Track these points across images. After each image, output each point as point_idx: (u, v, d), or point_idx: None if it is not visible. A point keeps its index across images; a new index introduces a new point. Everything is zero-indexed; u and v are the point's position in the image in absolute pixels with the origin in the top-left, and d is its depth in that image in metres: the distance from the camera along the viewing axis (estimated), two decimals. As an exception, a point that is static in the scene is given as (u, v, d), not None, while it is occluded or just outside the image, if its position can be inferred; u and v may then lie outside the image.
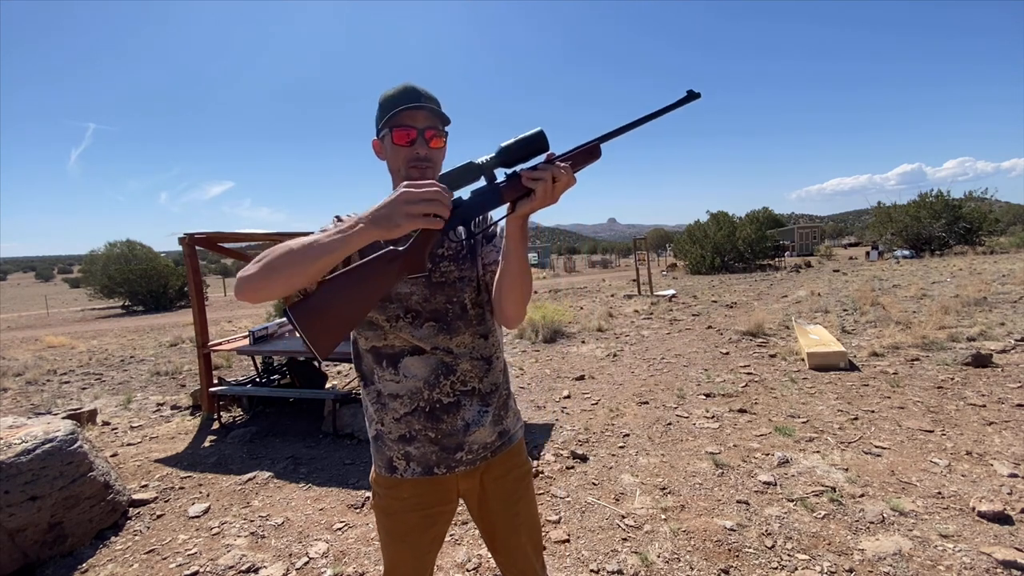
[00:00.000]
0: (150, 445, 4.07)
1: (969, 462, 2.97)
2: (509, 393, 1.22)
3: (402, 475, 1.12)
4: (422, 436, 1.10)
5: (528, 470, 1.26)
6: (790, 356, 5.66)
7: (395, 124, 1.05)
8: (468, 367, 1.11)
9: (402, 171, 1.08)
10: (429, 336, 1.08)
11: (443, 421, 1.09)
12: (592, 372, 5.62)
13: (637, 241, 17.43)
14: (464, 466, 1.12)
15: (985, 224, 23.90)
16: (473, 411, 1.11)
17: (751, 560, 2.19)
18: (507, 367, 1.23)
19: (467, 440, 1.11)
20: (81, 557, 2.47)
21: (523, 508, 1.23)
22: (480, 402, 1.13)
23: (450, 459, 1.11)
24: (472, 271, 1.13)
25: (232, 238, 4.83)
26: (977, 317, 6.77)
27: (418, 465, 1.11)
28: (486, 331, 1.15)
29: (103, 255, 22.60)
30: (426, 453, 1.10)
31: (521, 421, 1.28)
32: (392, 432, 1.11)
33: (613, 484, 2.96)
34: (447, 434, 1.10)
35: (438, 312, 1.09)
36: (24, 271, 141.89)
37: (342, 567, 2.32)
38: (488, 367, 1.14)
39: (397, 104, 1.05)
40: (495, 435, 1.16)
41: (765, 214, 28.51)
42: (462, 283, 1.11)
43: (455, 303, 1.11)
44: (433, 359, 1.09)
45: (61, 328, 14.78)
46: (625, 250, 64.95)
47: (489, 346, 1.15)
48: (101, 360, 8.30)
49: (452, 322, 1.10)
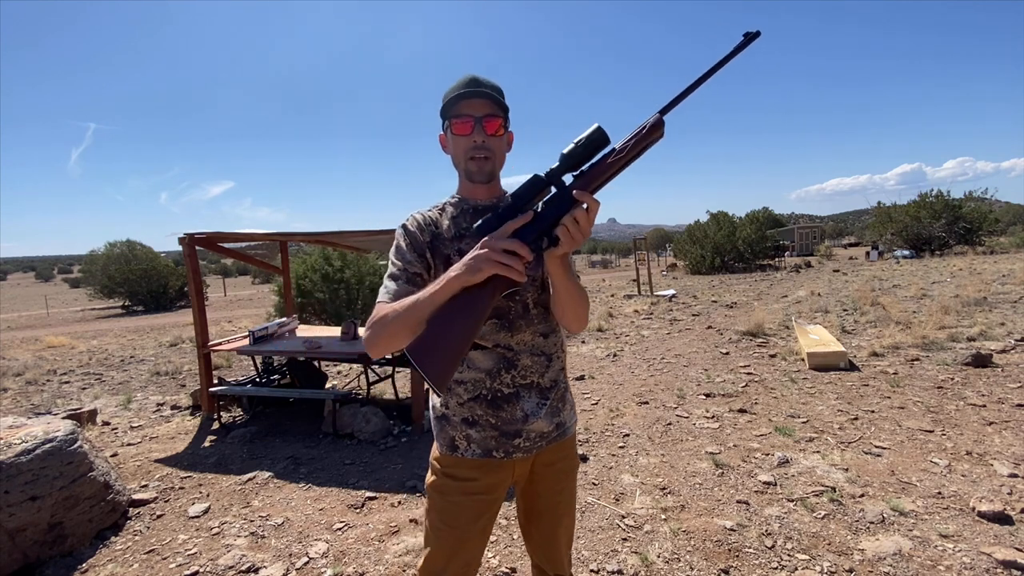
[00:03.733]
0: (150, 445, 4.06)
1: (969, 462, 2.97)
2: (567, 387, 1.26)
3: (463, 454, 1.17)
4: (483, 421, 1.15)
5: (575, 464, 1.31)
6: (790, 356, 5.66)
7: (454, 114, 1.09)
8: (529, 362, 1.16)
9: (462, 163, 1.13)
10: (491, 333, 1.13)
11: (503, 409, 1.14)
12: (592, 372, 5.62)
13: (637, 241, 17.43)
14: (521, 452, 1.17)
15: (985, 224, 23.89)
16: (532, 403, 1.16)
17: (751, 560, 2.19)
18: (565, 364, 1.27)
19: (525, 428, 1.16)
20: (81, 557, 2.47)
21: (564, 500, 1.28)
22: (539, 395, 1.17)
23: (508, 444, 1.16)
24: (536, 271, 1.15)
25: (232, 238, 4.83)
26: (977, 317, 6.77)
27: (478, 447, 1.16)
28: (547, 330, 1.19)
29: (103, 255, 22.56)
30: (486, 437, 1.15)
31: (576, 415, 1.32)
32: (456, 415, 1.17)
33: (613, 484, 2.96)
34: (506, 421, 1.15)
35: (500, 311, 1.13)
36: (24, 271, 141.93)
37: (342, 567, 2.32)
38: (548, 363, 1.19)
39: (454, 94, 1.07)
40: (552, 426, 1.20)
41: (765, 214, 28.49)
42: (527, 283, 1.14)
43: (517, 302, 1.14)
44: (495, 354, 1.14)
45: (61, 328, 14.78)
46: (625, 250, 64.94)
47: (549, 344, 1.19)
48: (101, 360, 8.30)
49: (514, 321, 1.14)
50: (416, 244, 1.12)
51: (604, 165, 0.94)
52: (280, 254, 6.17)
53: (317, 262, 9.78)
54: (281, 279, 6.58)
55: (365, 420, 4.00)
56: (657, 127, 0.92)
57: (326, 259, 9.76)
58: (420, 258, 1.11)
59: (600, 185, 0.96)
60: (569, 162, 0.94)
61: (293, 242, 6.57)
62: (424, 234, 1.14)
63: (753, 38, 0.89)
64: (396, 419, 4.27)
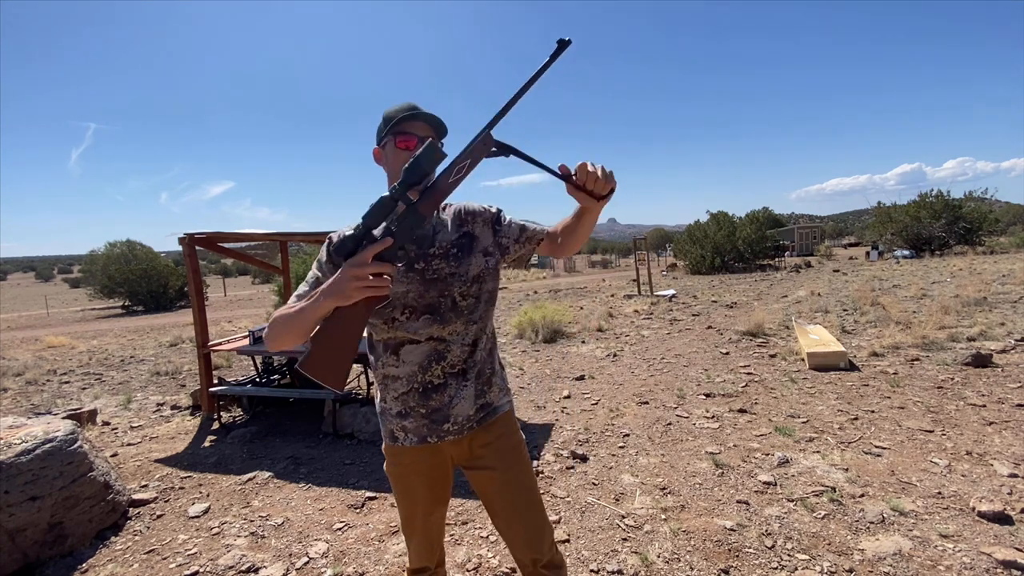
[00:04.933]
0: (150, 445, 4.07)
1: (969, 462, 2.97)
2: (493, 371, 1.35)
3: (402, 443, 1.31)
4: (415, 412, 1.26)
5: (518, 441, 1.38)
6: (790, 356, 5.66)
7: (397, 131, 1.21)
8: (458, 352, 1.26)
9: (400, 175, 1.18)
10: (424, 327, 1.23)
11: (432, 398, 1.25)
12: (592, 372, 5.61)
13: (637, 241, 17.43)
14: (452, 435, 1.28)
15: (985, 224, 23.87)
16: (458, 389, 1.27)
17: (751, 560, 2.19)
18: (494, 348, 1.37)
19: (451, 413, 1.26)
20: (81, 557, 2.47)
21: (515, 476, 1.35)
22: (464, 380, 1.28)
23: (439, 430, 1.27)
24: (463, 266, 1.24)
25: (232, 238, 4.83)
26: (977, 317, 6.77)
27: (414, 435, 1.29)
28: (476, 319, 1.28)
29: (103, 255, 22.55)
30: (419, 426, 1.27)
31: (508, 395, 1.41)
32: (392, 408, 1.29)
33: (613, 484, 2.96)
34: (435, 409, 1.26)
35: (431, 305, 1.22)
36: (24, 271, 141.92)
37: (342, 567, 2.32)
38: (473, 349, 1.29)
39: (400, 115, 1.21)
40: (476, 408, 1.30)
41: (765, 214, 28.47)
42: (452, 279, 1.23)
43: (447, 296, 1.23)
44: (427, 347, 1.24)
45: (61, 328, 14.78)
46: (625, 250, 64.92)
47: (476, 332, 1.29)
48: (101, 360, 8.30)
49: (444, 314, 1.23)
50: (332, 258, 1.20)
51: (446, 183, 1.06)
52: (280, 254, 6.17)
53: (317, 262, 9.77)
54: (281, 279, 6.59)
55: (365, 420, 4.00)
56: (487, 142, 1.05)
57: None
58: (333, 269, 1.19)
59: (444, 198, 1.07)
60: (411, 178, 1.02)
61: (293, 242, 6.57)
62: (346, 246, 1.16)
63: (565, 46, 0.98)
64: (396, 419, 4.27)
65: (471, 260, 1.25)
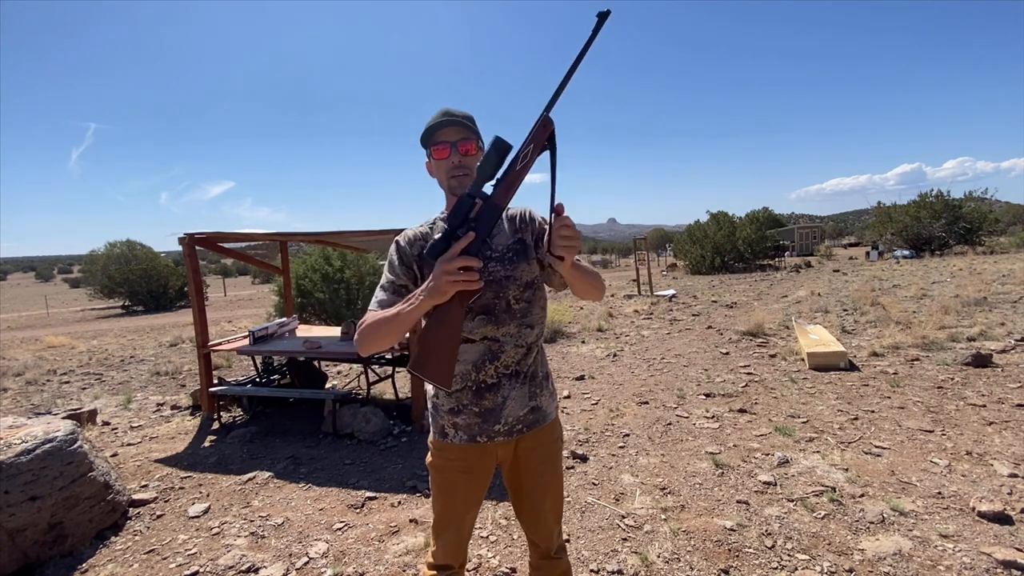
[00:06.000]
0: (150, 445, 4.06)
1: (969, 462, 2.97)
2: (546, 375, 1.39)
3: (451, 440, 1.33)
4: (468, 410, 1.29)
5: (559, 447, 1.44)
6: (790, 356, 5.67)
7: (433, 143, 1.26)
8: (512, 353, 1.29)
9: (445, 182, 1.29)
10: (479, 327, 1.26)
11: (485, 398, 1.28)
12: (592, 372, 5.62)
13: (637, 241, 17.43)
14: (502, 437, 1.31)
15: (985, 224, 23.86)
16: (511, 391, 1.29)
17: (751, 560, 2.19)
18: (543, 352, 1.40)
19: (503, 414, 1.29)
20: (81, 557, 2.47)
21: (550, 478, 1.40)
22: (519, 383, 1.30)
23: (490, 430, 1.29)
24: (517, 271, 1.28)
25: (232, 238, 4.83)
26: (977, 317, 6.77)
27: (464, 433, 1.31)
28: (529, 323, 1.31)
29: (103, 255, 22.54)
30: (470, 424, 1.29)
31: (556, 401, 1.44)
32: (444, 405, 1.32)
33: (613, 484, 2.96)
34: (488, 409, 1.28)
35: (487, 306, 1.26)
36: (24, 271, 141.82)
37: (342, 567, 2.32)
38: (527, 353, 1.31)
39: (429, 126, 1.25)
40: (528, 410, 1.32)
41: (765, 214, 28.47)
42: (507, 281, 1.27)
43: (501, 299, 1.27)
44: (481, 347, 1.27)
45: (61, 328, 14.78)
46: (625, 250, 64.94)
47: (530, 336, 1.32)
48: (101, 360, 8.29)
49: (499, 315, 1.27)
50: (404, 258, 1.28)
51: (514, 172, 1.10)
52: (280, 254, 6.17)
53: (317, 262, 9.77)
54: (281, 279, 6.58)
55: (365, 420, 4.00)
56: (547, 124, 1.07)
57: (326, 259, 9.76)
58: (408, 271, 1.27)
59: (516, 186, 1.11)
60: (484, 174, 1.08)
61: (293, 242, 6.57)
62: (413, 248, 1.29)
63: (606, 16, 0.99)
64: (396, 419, 4.27)
65: (523, 266, 1.29)
